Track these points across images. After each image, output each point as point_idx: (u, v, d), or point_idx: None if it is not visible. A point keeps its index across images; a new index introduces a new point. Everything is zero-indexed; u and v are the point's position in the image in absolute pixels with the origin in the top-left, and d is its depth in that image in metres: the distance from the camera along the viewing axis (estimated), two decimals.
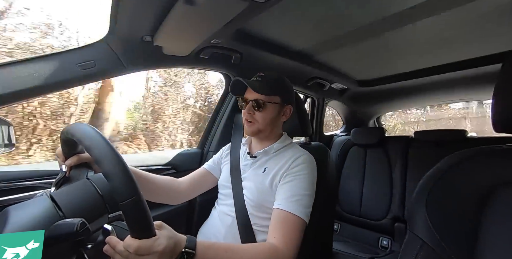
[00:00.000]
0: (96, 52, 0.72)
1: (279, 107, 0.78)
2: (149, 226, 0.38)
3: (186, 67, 1.00)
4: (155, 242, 0.38)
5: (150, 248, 0.38)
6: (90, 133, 0.40)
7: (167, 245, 0.40)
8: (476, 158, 0.42)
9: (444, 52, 1.07)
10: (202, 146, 1.19)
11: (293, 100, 0.83)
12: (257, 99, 0.74)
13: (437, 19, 0.78)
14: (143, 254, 0.38)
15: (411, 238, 0.41)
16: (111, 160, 0.37)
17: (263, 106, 0.74)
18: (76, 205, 0.42)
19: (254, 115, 0.76)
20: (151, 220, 0.38)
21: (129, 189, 0.36)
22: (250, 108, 0.75)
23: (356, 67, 1.33)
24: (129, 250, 0.37)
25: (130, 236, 0.38)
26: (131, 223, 0.37)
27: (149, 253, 0.38)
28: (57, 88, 0.69)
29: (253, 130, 0.77)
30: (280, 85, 0.79)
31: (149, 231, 0.38)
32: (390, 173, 1.58)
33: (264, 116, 0.75)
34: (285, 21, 0.83)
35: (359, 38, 0.94)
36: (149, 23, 0.70)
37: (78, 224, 0.36)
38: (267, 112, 0.75)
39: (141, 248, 0.37)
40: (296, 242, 0.61)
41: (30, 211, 0.39)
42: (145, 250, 0.38)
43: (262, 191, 0.72)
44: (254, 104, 0.75)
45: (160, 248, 0.39)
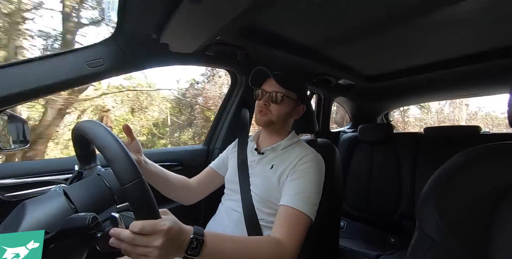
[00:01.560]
0: (104, 50, 0.73)
1: (294, 104, 0.78)
2: (153, 208, 0.39)
3: (192, 64, 1.01)
4: (160, 221, 0.39)
5: (155, 227, 0.38)
6: (93, 126, 0.42)
7: (172, 226, 0.40)
8: (489, 155, 0.40)
9: (455, 46, 1.04)
10: (208, 143, 1.20)
11: (307, 101, 0.84)
12: (277, 92, 0.74)
13: (447, 12, 0.75)
14: (148, 233, 0.38)
15: (420, 236, 0.40)
16: (112, 146, 0.38)
17: (281, 99, 0.74)
18: (87, 199, 0.44)
19: (269, 106, 0.76)
20: (155, 202, 0.39)
21: (131, 172, 0.37)
22: (266, 100, 0.75)
23: (364, 62, 1.30)
24: (134, 231, 0.37)
25: (135, 220, 0.38)
26: (135, 205, 0.37)
27: (154, 232, 0.38)
28: (67, 86, 0.71)
29: (266, 120, 0.76)
30: (299, 82, 0.80)
31: (153, 212, 0.39)
32: (399, 170, 1.56)
33: (280, 109, 0.75)
34: (291, 17, 0.82)
35: (368, 32, 0.91)
36: (156, 20, 0.71)
37: (90, 218, 0.37)
38: (283, 105, 0.76)
39: (146, 227, 0.37)
40: (299, 238, 0.61)
41: (45, 205, 0.41)
42: (150, 229, 0.37)
43: (269, 187, 0.72)
44: (272, 96, 0.75)
45: (165, 227, 0.38)
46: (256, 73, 0.78)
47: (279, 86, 0.73)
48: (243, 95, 1.15)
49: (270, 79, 0.76)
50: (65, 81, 0.68)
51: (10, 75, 0.62)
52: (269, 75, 0.75)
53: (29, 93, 0.64)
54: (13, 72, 0.62)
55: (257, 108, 0.78)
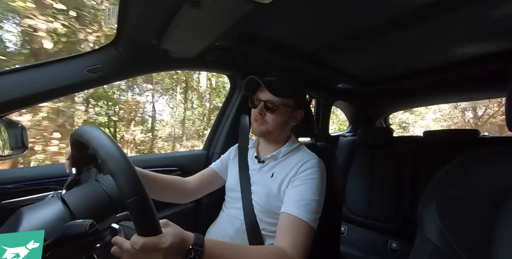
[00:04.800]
0: (104, 56, 0.74)
1: (291, 111, 0.76)
2: (155, 224, 0.38)
3: (191, 70, 1.02)
4: (161, 239, 0.39)
5: (156, 245, 0.38)
6: (97, 134, 0.41)
7: (173, 242, 0.40)
8: (489, 158, 0.40)
9: (453, 50, 1.05)
10: (208, 148, 1.19)
11: (304, 105, 0.81)
12: (271, 100, 0.72)
13: (444, 18, 0.77)
14: (149, 251, 0.38)
15: (421, 241, 0.40)
16: (117, 159, 0.38)
17: (276, 109, 0.73)
18: (85, 206, 0.43)
19: (265, 116, 0.74)
20: (157, 218, 0.38)
21: (135, 187, 0.36)
22: (261, 109, 0.73)
23: (362, 67, 1.31)
24: (136, 248, 0.37)
25: (137, 234, 0.38)
26: (137, 221, 0.37)
27: (155, 250, 0.38)
28: (67, 92, 0.71)
29: (262, 130, 0.75)
30: (295, 88, 0.77)
31: (155, 229, 0.39)
32: (399, 174, 1.55)
33: (275, 118, 0.73)
34: (290, 22, 0.83)
35: (366, 38, 0.92)
36: (156, 27, 0.71)
37: (87, 225, 0.36)
38: (278, 114, 0.73)
39: (147, 245, 0.37)
40: (305, 248, 0.59)
41: (42, 212, 0.40)
42: (151, 247, 0.38)
43: (270, 197, 0.71)
44: (267, 105, 0.73)
45: (166, 244, 0.39)
46: (248, 82, 0.76)
47: (273, 95, 0.72)
48: (243, 99, 1.16)
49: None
50: (65, 87, 0.68)
51: (10, 81, 0.62)
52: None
53: (29, 99, 0.64)
54: (13, 78, 0.62)
55: (253, 116, 0.76)
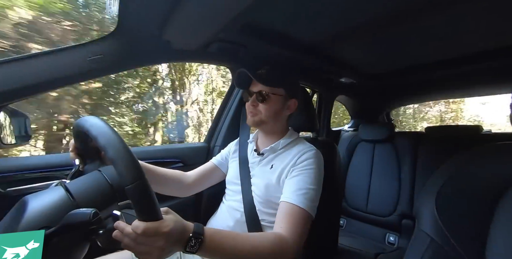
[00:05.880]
0: (105, 46, 0.73)
1: (283, 100, 0.77)
2: (155, 209, 0.39)
3: (193, 61, 1.01)
4: (161, 223, 0.39)
5: (157, 229, 0.39)
6: (96, 123, 0.41)
7: (173, 227, 0.40)
8: (489, 155, 0.40)
9: (460, 44, 1.03)
10: (209, 141, 1.20)
11: (298, 94, 0.82)
12: (261, 91, 0.74)
13: (453, 10, 0.75)
14: (151, 235, 0.38)
15: (419, 234, 0.41)
16: (116, 146, 0.38)
17: (266, 98, 0.74)
18: (88, 195, 0.44)
19: (257, 106, 0.75)
20: (157, 204, 0.39)
21: (134, 173, 0.37)
22: (253, 100, 0.75)
23: (366, 60, 1.29)
24: (137, 232, 0.38)
25: (138, 220, 0.39)
26: (138, 207, 0.38)
27: (156, 234, 0.39)
28: (68, 82, 0.71)
29: (255, 120, 0.76)
30: (285, 77, 0.78)
31: (155, 214, 0.39)
32: (399, 169, 1.56)
33: (267, 107, 0.75)
34: (293, 14, 0.81)
35: (370, 31, 0.91)
36: (158, 17, 0.70)
37: (91, 214, 0.37)
38: (270, 104, 0.75)
39: (148, 230, 0.38)
40: (302, 233, 0.61)
41: (46, 200, 0.41)
42: (152, 231, 0.38)
43: (270, 188, 0.73)
44: (258, 96, 0.74)
45: (167, 229, 0.39)
46: (239, 76, 0.77)
47: (263, 85, 0.73)
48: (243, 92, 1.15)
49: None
50: (66, 77, 0.68)
51: (12, 71, 0.61)
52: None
53: (30, 88, 0.64)
54: (14, 67, 0.62)
55: (247, 110, 0.78)
